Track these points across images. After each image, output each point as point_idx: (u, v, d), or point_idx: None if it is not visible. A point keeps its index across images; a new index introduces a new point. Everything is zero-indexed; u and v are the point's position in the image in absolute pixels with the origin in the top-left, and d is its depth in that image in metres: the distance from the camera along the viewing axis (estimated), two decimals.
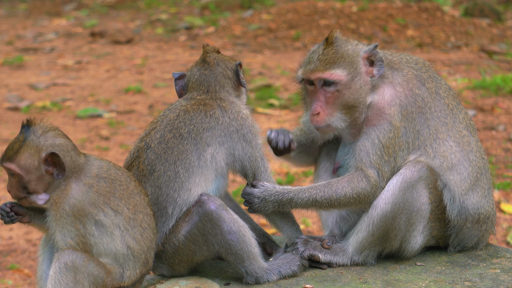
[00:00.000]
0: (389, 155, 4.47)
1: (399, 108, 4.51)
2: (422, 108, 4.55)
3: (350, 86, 4.51)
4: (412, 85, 4.56)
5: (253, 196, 4.45)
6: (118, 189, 4.14)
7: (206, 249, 4.32)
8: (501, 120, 10.72)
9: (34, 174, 4.05)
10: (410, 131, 4.52)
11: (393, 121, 4.48)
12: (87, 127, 11.17)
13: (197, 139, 4.33)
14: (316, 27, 16.43)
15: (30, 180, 4.05)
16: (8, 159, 4.06)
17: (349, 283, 4.36)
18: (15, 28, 18.88)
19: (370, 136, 4.49)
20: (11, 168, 4.05)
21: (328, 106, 4.53)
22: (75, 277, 4.02)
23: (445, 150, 4.56)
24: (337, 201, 4.47)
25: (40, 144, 4.06)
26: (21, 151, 4.05)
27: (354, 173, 4.48)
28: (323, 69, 4.50)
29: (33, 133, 4.08)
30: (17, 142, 4.08)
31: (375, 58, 4.53)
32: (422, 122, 4.55)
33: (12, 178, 4.08)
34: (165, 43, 16.89)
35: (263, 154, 4.48)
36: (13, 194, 4.09)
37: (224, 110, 4.42)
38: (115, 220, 4.10)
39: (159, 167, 4.30)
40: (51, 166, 4.06)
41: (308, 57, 4.60)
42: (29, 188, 4.06)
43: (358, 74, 4.52)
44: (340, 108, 4.53)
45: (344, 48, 4.53)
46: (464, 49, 15.37)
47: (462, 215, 4.58)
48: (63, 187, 4.07)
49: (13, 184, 4.08)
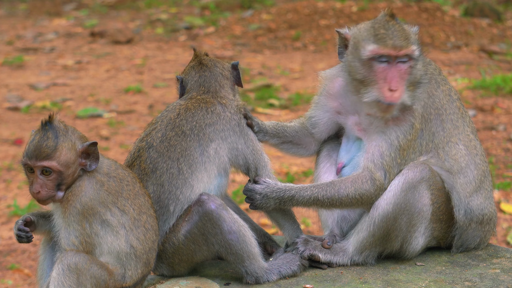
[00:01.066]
0: (402, 158, 4.45)
1: (422, 109, 4.49)
2: (439, 110, 4.54)
3: (418, 62, 4.45)
4: (431, 87, 4.54)
5: (255, 192, 4.45)
6: (126, 189, 4.15)
7: (206, 249, 4.33)
8: (501, 120, 10.73)
9: (72, 168, 4.06)
10: (426, 133, 4.50)
11: (416, 123, 4.46)
12: (87, 127, 11.17)
13: (200, 135, 4.37)
14: (316, 27, 16.43)
15: (68, 175, 4.05)
16: (46, 157, 4.01)
17: (349, 283, 4.36)
18: (15, 28, 18.88)
19: (390, 136, 4.45)
20: (51, 166, 4.01)
21: (402, 83, 4.41)
22: (78, 279, 4.03)
23: (456, 153, 4.55)
24: (339, 201, 4.46)
25: (72, 138, 4.09)
26: (59, 148, 4.03)
27: (360, 173, 4.46)
28: (407, 45, 4.38)
29: (59, 129, 4.07)
30: (48, 139, 4.03)
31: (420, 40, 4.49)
32: (438, 124, 4.53)
33: (45, 177, 4.02)
34: (165, 43, 16.89)
35: (263, 149, 4.53)
36: (44, 194, 4.01)
37: (224, 106, 4.48)
38: (121, 219, 4.11)
39: (162, 165, 4.32)
40: (84, 158, 4.08)
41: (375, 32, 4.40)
42: (65, 184, 4.04)
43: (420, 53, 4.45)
44: (409, 85, 4.44)
45: (404, 25, 4.45)
46: (464, 49, 15.37)
47: (467, 216, 4.59)
48: (77, 183, 4.08)
49: (46, 184, 4.02)
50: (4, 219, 8.42)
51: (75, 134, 4.13)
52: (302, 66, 14.25)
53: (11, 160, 9.97)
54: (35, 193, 4.03)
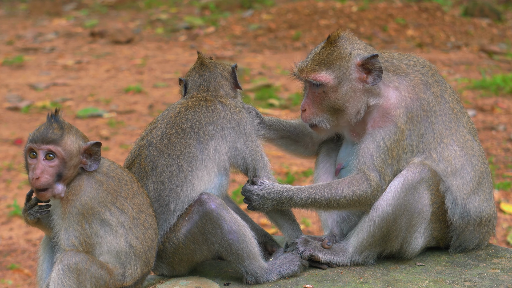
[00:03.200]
0: (393, 158, 4.47)
1: (405, 110, 4.50)
2: (427, 112, 4.54)
3: (336, 90, 4.49)
4: (418, 90, 4.54)
5: (252, 193, 4.46)
6: (124, 188, 4.16)
7: (206, 249, 4.33)
8: (501, 120, 10.73)
9: (73, 161, 4.07)
10: (414, 134, 4.51)
11: (399, 123, 4.47)
12: (87, 127, 11.17)
13: (200, 133, 4.38)
14: (316, 27, 16.43)
15: (70, 166, 4.05)
16: (52, 141, 4.03)
17: (349, 283, 4.36)
18: (15, 28, 18.88)
19: (376, 138, 4.48)
20: (56, 150, 4.02)
21: (314, 105, 4.55)
22: (78, 279, 4.03)
23: (449, 154, 4.56)
24: (337, 202, 4.47)
25: (77, 135, 4.12)
26: (65, 136, 4.06)
27: (355, 175, 4.48)
28: (311, 70, 4.51)
29: (64, 123, 4.11)
30: (55, 128, 4.06)
31: (372, 66, 4.48)
32: (426, 125, 4.54)
33: (47, 162, 4.02)
34: (165, 43, 16.89)
35: (263, 150, 4.53)
36: (43, 180, 4.00)
37: (224, 105, 4.50)
38: (121, 219, 4.12)
39: (162, 163, 4.34)
40: (86, 157, 4.09)
41: (309, 54, 4.61)
42: (64, 176, 4.04)
43: (347, 79, 4.49)
44: (326, 110, 4.54)
45: (341, 51, 4.51)
46: (464, 49, 15.37)
47: (464, 218, 4.59)
48: (77, 183, 4.09)
49: (47, 170, 4.02)
50: (4, 219, 8.42)
51: (78, 133, 4.16)
52: None
53: (11, 160, 9.97)
54: (34, 179, 4.00)
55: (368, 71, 4.49)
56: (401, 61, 4.63)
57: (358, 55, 4.51)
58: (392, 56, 4.64)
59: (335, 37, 4.53)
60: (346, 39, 4.54)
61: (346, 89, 4.49)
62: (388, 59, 4.60)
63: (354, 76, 4.50)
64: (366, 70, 4.49)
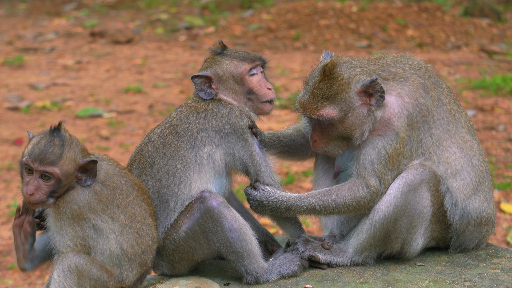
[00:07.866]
0: (393, 164, 4.47)
1: (406, 118, 4.49)
2: (426, 117, 4.54)
3: (343, 120, 4.47)
4: (418, 95, 4.53)
5: (251, 198, 4.46)
6: (117, 197, 4.16)
7: (206, 247, 4.33)
8: (501, 120, 10.72)
9: (69, 179, 4.07)
10: (414, 140, 4.51)
11: (400, 132, 4.47)
12: (87, 127, 11.17)
13: (192, 138, 4.39)
14: (316, 27, 16.43)
15: (64, 185, 4.05)
16: (50, 163, 4.01)
17: (349, 283, 4.36)
18: (15, 28, 18.88)
19: (377, 146, 4.48)
20: (53, 172, 4.02)
21: (324, 136, 4.54)
22: (78, 280, 4.05)
23: (449, 156, 4.55)
24: (336, 209, 4.48)
25: (76, 150, 4.09)
26: (64, 156, 4.04)
27: (355, 181, 4.48)
28: (315, 108, 4.45)
29: (65, 138, 4.08)
30: (55, 146, 4.04)
31: (373, 90, 4.44)
32: (425, 131, 4.54)
33: (43, 181, 4.02)
34: (165, 43, 16.89)
35: (265, 154, 4.50)
36: (37, 197, 4.02)
37: (224, 109, 4.44)
38: (111, 225, 4.14)
39: (159, 161, 4.36)
40: (81, 172, 4.09)
41: (306, 86, 4.54)
42: (59, 192, 4.05)
43: (351, 109, 4.45)
44: (336, 138, 4.53)
45: (340, 82, 4.43)
46: (464, 49, 15.37)
47: (464, 219, 4.59)
48: (70, 192, 4.09)
49: (42, 188, 4.02)
50: (4, 219, 8.42)
51: (78, 147, 4.13)
52: (302, 66, 14.25)
53: (11, 160, 9.97)
54: (28, 194, 4.02)
55: (370, 94, 4.46)
56: (396, 66, 4.60)
57: (357, 82, 4.45)
58: (385, 63, 4.60)
59: (330, 68, 4.46)
60: (340, 65, 4.47)
61: (352, 118, 4.47)
62: (384, 68, 4.56)
63: (358, 104, 4.46)
64: (368, 94, 4.46)
